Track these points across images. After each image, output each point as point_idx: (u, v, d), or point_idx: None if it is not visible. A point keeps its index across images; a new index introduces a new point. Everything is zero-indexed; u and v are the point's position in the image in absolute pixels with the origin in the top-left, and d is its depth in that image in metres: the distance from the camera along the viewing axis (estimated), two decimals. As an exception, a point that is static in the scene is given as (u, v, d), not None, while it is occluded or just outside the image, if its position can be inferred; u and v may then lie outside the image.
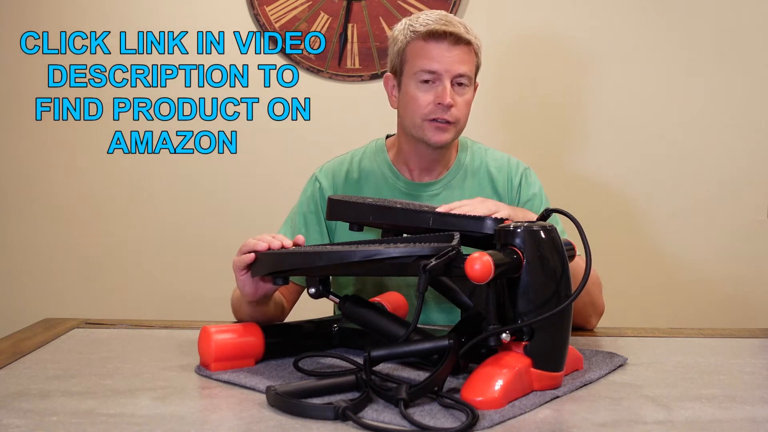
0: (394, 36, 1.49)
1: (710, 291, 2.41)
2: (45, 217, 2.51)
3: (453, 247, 0.98)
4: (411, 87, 1.45)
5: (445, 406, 0.97)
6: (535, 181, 1.56)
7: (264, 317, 1.33)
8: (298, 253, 1.14)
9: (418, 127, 1.45)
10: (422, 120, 1.44)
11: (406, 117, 1.48)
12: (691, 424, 0.94)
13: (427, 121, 1.44)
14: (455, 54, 1.42)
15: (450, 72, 1.42)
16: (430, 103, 1.43)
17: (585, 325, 1.45)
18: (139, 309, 2.40)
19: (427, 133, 1.45)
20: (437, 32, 1.41)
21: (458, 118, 1.45)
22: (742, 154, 2.38)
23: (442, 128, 1.44)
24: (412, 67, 1.44)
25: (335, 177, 1.56)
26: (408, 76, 1.45)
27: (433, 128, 1.44)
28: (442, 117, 1.43)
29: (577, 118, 2.41)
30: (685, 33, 2.38)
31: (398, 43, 1.47)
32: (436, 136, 1.44)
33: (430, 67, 1.42)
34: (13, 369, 1.18)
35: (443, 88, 1.42)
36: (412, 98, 1.45)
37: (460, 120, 1.45)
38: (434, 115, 1.43)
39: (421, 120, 1.44)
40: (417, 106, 1.44)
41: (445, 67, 1.42)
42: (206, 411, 1.01)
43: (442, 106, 1.42)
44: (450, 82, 1.42)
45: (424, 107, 1.43)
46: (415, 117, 1.45)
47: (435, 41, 1.42)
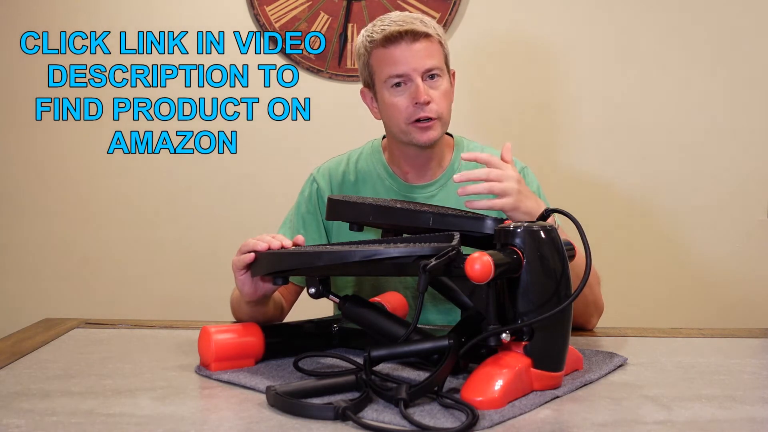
0: (357, 49, 1.49)
1: (710, 291, 2.41)
2: (45, 217, 2.51)
3: (453, 247, 0.98)
4: (386, 95, 1.45)
5: (445, 406, 0.97)
6: (532, 180, 1.56)
7: (263, 317, 1.33)
8: (298, 253, 1.14)
9: (404, 132, 1.45)
10: (406, 124, 1.44)
11: (390, 125, 1.48)
12: (691, 424, 0.94)
13: (410, 124, 1.43)
14: (417, 50, 1.41)
15: (417, 69, 1.41)
16: (408, 106, 1.42)
17: (586, 324, 1.45)
18: (139, 309, 2.40)
19: (414, 135, 1.44)
20: (393, 34, 1.41)
21: (440, 113, 1.44)
22: (742, 154, 2.38)
23: (427, 127, 1.43)
24: (381, 75, 1.44)
25: (332, 178, 1.56)
26: (380, 85, 1.45)
27: (418, 130, 1.43)
28: (424, 116, 1.42)
29: (574, 119, 2.41)
30: (685, 32, 2.38)
31: (362, 56, 1.47)
32: (423, 136, 1.44)
33: (397, 71, 1.42)
34: (13, 369, 1.18)
35: (416, 87, 1.41)
36: (390, 105, 1.44)
37: (442, 113, 1.45)
38: (415, 116, 1.42)
39: (405, 124, 1.44)
40: (396, 111, 1.44)
41: (411, 66, 1.41)
42: (206, 411, 1.01)
43: (420, 105, 1.41)
44: (421, 78, 1.42)
45: (404, 111, 1.43)
46: (399, 123, 1.44)
47: (394, 44, 1.41)
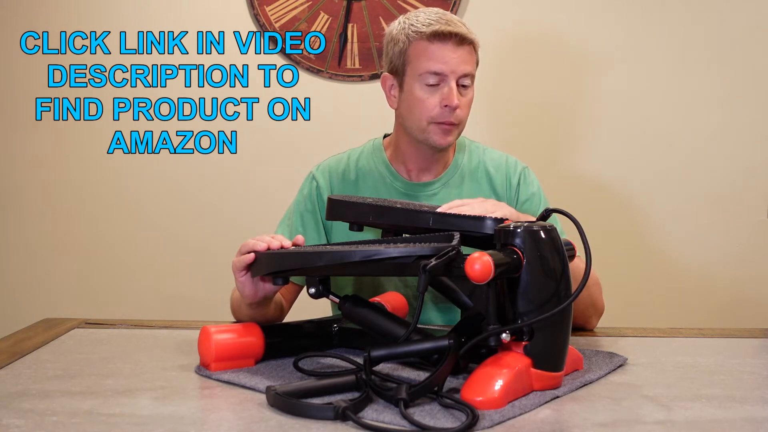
0: (393, 35, 1.45)
1: (710, 291, 2.41)
2: (45, 217, 2.51)
3: (453, 247, 0.98)
4: (416, 89, 1.42)
5: (445, 406, 0.97)
6: (533, 181, 1.56)
7: (263, 318, 1.33)
8: (298, 253, 1.14)
9: (423, 130, 1.43)
10: (428, 123, 1.42)
11: (409, 119, 1.45)
12: (691, 424, 0.94)
13: (433, 124, 1.42)
14: (460, 54, 1.40)
15: (456, 73, 1.40)
16: (436, 106, 1.41)
17: (585, 325, 1.45)
18: (139, 309, 2.39)
19: (432, 135, 1.43)
20: (442, 33, 1.39)
21: (462, 119, 1.44)
22: (742, 154, 2.39)
23: (447, 131, 1.43)
24: (417, 68, 1.41)
25: (332, 176, 1.56)
26: (412, 77, 1.43)
27: (439, 131, 1.42)
28: (449, 120, 1.41)
29: (574, 118, 2.41)
30: (686, 32, 2.38)
31: (399, 43, 1.43)
32: (441, 139, 1.43)
33: (437, 69, 1.40)
34: (13, 369, 1.18)
35: (449, 90, 1.40)
36: (417, 100, 1.42)
37: (462, 121, 1.45)
38: (441, 119, 1.41)
39: (427, 123, 1.42)
40: (423, 108, 1.42)
41: (450, 68, 1.39)
42: (206, 411, 1.01)
43: (449, 108, 1.40)
44: (455, 82, 1.40)
45: (431, 109, 1.41)
46: (421, 120, 1.43)
47: (440, 42, 1.39)
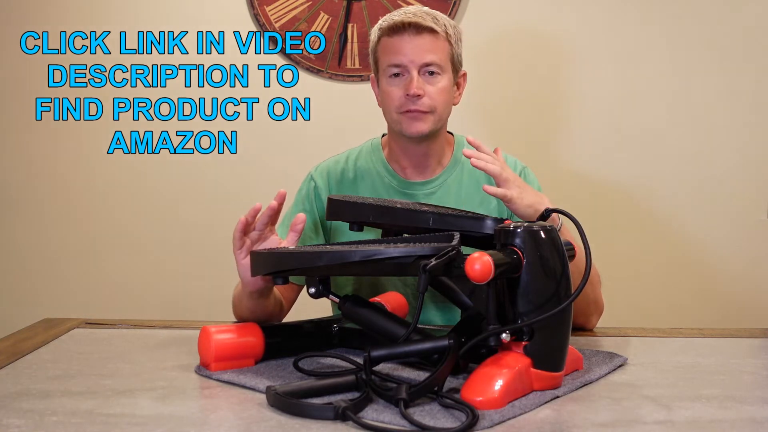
0: (370, 37, 1.52)
1: (710, 291, 2.41)
2: (45, 216, 2.51)
3: (453, 247, 0.98)
4: (384, 83, 1.48)
5: (445, 406, 0.97)
6: (533, 180, 1.56)
7: (264, 312, 1.34)
8: (298, 253, 1.14)
9: (396, 121, 1.47)
10: (397, 113, 1.46)
11: (385, 113, 1.50)
12: (691, 424, 0.94)
13: (400, 113, 1.45)
14: (419, 44, 1.43)
15: (415, 62, 1.43)
16: (400, 96, 1.45)
17: (585, 324, 1.45)
18: (139, 309, 2.39)
19: (403, 125, 1.46)
20: (397, 25, 1.43)
21: (432, 107, 1.45)
22: (742, 154, 2.38)
23: (416, 117, 1.45)
24: (382, 63, 1.48)
25: (330, 176, 1.57)
26: (382, 73, 1.48)
27: (408, 119, 1.45)
28: (414, 108, 1.44)
29: (575, 118, 2.40)
30: (686, 32, 2.37)
31: (371, 43, 1.51)
32: (411, 126, 1.45)
33: (396, 61, 1.44)
34: (13, 369, 1.18)
35: (410, 79, 1.43)
36: (385, 93, 1.48)
37: (436, 108, 1.45)
38: (405, 107, 1.45)
39: (396, 114, 1.46)
40: (390, 100, 1.46)
41: (409, 58, 1.43)
42: (206, 411, 1.01)
43: (411, 97, 1.43)
44: (418, 72, 1.43)
45: (396, 100, 1.45)
46: (392, 112, 1.47)
47: (397, 34, 1.44)
